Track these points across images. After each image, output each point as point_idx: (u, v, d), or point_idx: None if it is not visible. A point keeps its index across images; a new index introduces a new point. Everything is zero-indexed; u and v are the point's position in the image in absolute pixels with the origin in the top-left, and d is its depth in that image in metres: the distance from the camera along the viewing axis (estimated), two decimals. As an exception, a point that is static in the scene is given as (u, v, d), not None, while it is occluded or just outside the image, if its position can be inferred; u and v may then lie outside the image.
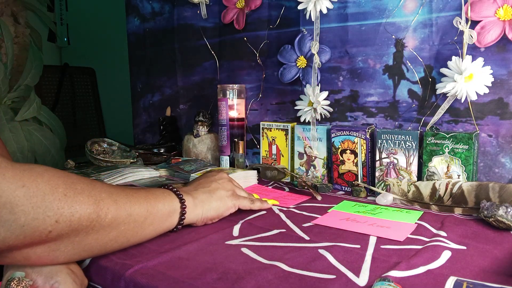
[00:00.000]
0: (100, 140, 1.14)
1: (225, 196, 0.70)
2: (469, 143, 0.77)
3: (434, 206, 0.76)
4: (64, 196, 0.46)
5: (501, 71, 0.80)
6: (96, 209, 0.49)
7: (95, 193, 0.50)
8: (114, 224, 0.51)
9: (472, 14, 0.79)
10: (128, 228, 0.54)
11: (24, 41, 1.38)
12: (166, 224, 0.60)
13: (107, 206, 0.50)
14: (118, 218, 0.52)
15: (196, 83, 1.28)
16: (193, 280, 0.48)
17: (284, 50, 1.03)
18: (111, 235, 0.52)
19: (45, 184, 0.45)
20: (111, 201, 0.51)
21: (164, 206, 0.59)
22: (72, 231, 0.47)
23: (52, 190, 0.45)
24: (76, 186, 0.48)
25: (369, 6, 0.92)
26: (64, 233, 0.46)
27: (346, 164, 0.91)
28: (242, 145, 1.06)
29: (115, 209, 0.51)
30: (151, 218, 0.57)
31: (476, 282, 0.45)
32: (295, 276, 0.49)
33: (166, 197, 0.61)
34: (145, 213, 0.56)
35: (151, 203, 0.57)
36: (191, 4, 1.22)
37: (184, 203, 0.62)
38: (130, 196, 0.55)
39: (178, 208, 0.62)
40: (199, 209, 0.65)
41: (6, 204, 0.42)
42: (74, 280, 0.51)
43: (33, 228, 0.44)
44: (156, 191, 0.61)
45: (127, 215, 0.53)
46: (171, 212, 0.60)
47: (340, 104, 0.99)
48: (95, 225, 0.49)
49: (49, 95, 2.30)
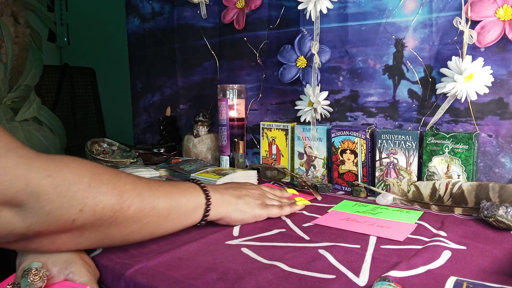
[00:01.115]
0: (100, 140, 1.14)
1: (254, 203, 0.69)
2: (469, 143, 0.77)
3: (434, 206, 0.76)
4: (89, 187, 0.47)
5: (501, 71, 0.80)
6: (119, 201, 0.50)
7: (120, 184, 0.51)
8: (137, 217, 0.52)
9: (472, 14, 0.79)
10: (151, 221, 0.54)
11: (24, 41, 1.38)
12: (190, 219, 0.60)
13: (131, 198, 0.51)
14: (141, 211, 0.52)
15: (196, 83, 1.28)
16: (193, 280, 0.48)
17: (284, 50, 1.03)
18: (133, 227, 0.52)
19: (70, 174, 0.46)
20: (135, 193, 0.52)
21: (189, 201, 0.59)
22: (95, 220, 0.48)
23: (77, 180, 0.47)
24: (102, 177, 0.49)
25: (369, 6, 0.92)
26: (88, 222, 0.48)
27: (346, 164, 0.91)
28: (242, 145, 1.06)
29: (139, 202, 0.52)
30: (175, 212, 0.57)
31: (476, 282, 0.45)
32: (295, 276, 0.49)
33: (192, 192, 0.60)
34: (169, 207, 0.56)
35: (176, 198, 0.57)
36: (191, 4, 1.22)
37: (210, 199, 0.62)
38: (155, 189, 0.55)
39: (203, 203, 0.61)
40: (224, 207, 0.65)
41: (33, 193, 0.43)
42: (88, 270, 0.52)
43: (58, 216, 0.45)
44: (182, 185, 0.61)
45: (150, 208, 0.53)
46: (195, 208, 0.60)
47: (340, 104, 0.99)
48: (118, 216, 0.50)
49: (49, 95, 2.31)
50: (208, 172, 0.98)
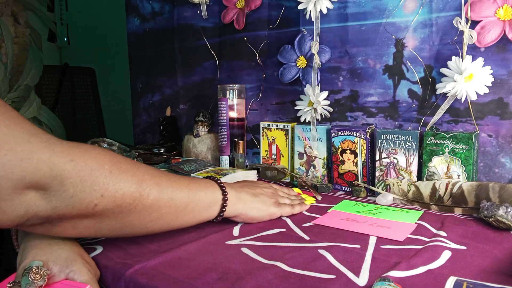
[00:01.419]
0: (100, 140, 1.14)
1: (269, 202, 0.71)
2: (469, 143, 0.77)
3: (434, 206, 0.76)
4: (110, 173, 0.49)
5: (501, 71, 0.80)
6: (139, 189, 0.51)
7: (139, 173, 0.52)
8: (156, 206, 0.53)
9: (472, 14, 0.79)
10: (169, 212, 0.55)
11: (24, 41, 1.38)
12: (207, 213, 0.61)
13: (150, 188, 0.52)
14: (160, 201, 0.53)
15: (196, 83, 1.28)
16: (193, 280, 0.48)
17: (284, 50, 1.03)
18: (152, 216, 0.53)
19: (92, 160, 0.48)
20: (154, 183, 0.53)
21: (206, 196, 0.60)
22: (116, 207, 0.49)
23: (98, 166, 0.48)
24: (121, 165, 0.51)
25: (369, 6, 0.92)
26: (109, 208, 0.49)
27: (346, 164, 0.91)
28: (242, 145, 1.06)
29: (157, 191, 0.53)
30: (192, 205, 0.58)
31: (476, 282, 0.45)
32: (295, 276, 0.49)
33: (209, 187, 0.62)
34: (187, 200, 0.57)
35: (193, 191, 0.58)
36: (191, 4, 1.22)
37: (227, 195, 0.63)
38: (172, 181, 0.56)
39: (219, 199, 0.62)
40: (241, 205, 0.66)
41: (57, 176, 0.45)
42: (89, 269, 0.52)
43: (80, 200, 0.47)
44: (199, 180, 0.62)
45: (168, 199, 0.55)
46: (212, 203, 0.61)
47: (340, 104, 0.99)
48: (137, 204, 0.51)
49: (49, 95, 2.31)
50: (208, 172, 0.98)
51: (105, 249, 0.58)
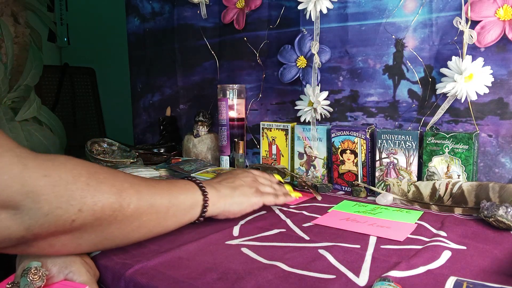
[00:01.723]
0: (100, 140, 1.14)
1: (249, 192, 0.69)
2: (469, 143, 0.77)
3: (434, 206, 0.76)
4: (87, 186, 0.46)
5: (501, 71, 0.80)
6: (118, 199, 0.49)
7: (118, 183, 0.50)
8: (137, 214, 0.52)
9: (472, 14, 0.79)
10: (150, 219, 0.54)
11: (24, 41, 1.38)
12: (188, 216, 0.60)
13: (130, 196, 0.51)
14: (140, 208, 0.52)
15: (196, 83, 1.28)
16: (193, 280, 0.48)
17: (284, 50, 1.03)
18: (133, 225, 0.52)
19: (67, 173, 0.46)
20: (134, 191, 0.52)
21: (186, 198, 0.59)
22: (95, 220, 0.47)
23: (74, 179, 0.46)
24: (99, 176, 0.49)
25: (369, 6, 0.92)
26: (88, 222, 0.47)
27: (346, 164, 0.91)
28: (242, 145, 1.06)
29: (137, 199, 0.51)
30: (174, 209, 0.57)
31: (476, 282, 0.45)
32: (295, 276, 0.49)
33: (189, 189, 0.61)
34: (168, 204, 0.56)
35: (174, 195, 0.57)
36: (191, 4, 1.22)
37: (207, 195, 0.62)
38: (152, 187, 0.55)
39: (200, 200, 0.61)
40: (222, 202, 0.65)
41: (29, 193, 0.42)
42: (88, 270, 0.52)
43: (56, 217, 0.44)
44: (178, 183, 0.61)
45: (149, 206, 0.53)
46: (193, 204, 0.60)
47: (340, 104, 0.99)
48: (117, 214, 0.49)
49: (49, 95, 2.31)
50: (208, 172, 0.98)
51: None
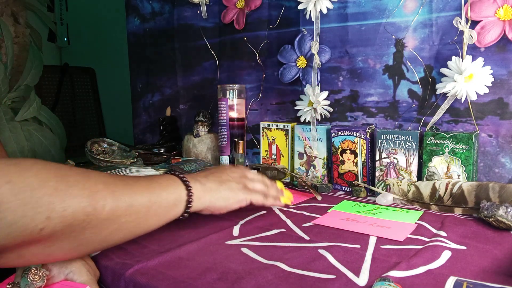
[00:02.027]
0: (100, 140, 1.14)
1: (236, 188, 0.66)
2: (469, 143, 0.77)
3: (434, 206, 0.76)
4: (55, 190, 0.43)
5: (501, 71, 0.80)
6: (91, 202, 0.45)
7: (90, 184, 0.46)
8: (113, 217, 0.48)
9: (472, 14, 0.79)
10: (129, 220, 0.50)
11: (24, 41, 1.38)
12: (172, 213, 0.57)
13: (104, 198, 0.47)
14: (117, 210, 0.48)
15: (196, 83, 1.28)
16: (193, 280, 0.48)
17: (284, 50, 1.03)
18: (111, 228, 0.49)
19: (33, 178, 0.42)
20: (108, 192, 0.48)
21: (169, 195, 0.56)
22: (66, 227, 0.44)
23: (41, 184, 0.42)
24: (69, 179, 0.45)
25: (369, 6, 0.92)
26: (58, 230, 0.43)
27: (346, 164, 0.91)
28: (242, 145, 1.06)
29: (113, 201, 0.48)
30: (155, 208, 0.54)
31: (476, 282, 0.45)
32: (295, 276, 0.49)
33: (171, 184, 0.57)
34: (148, 203, 0.53)
35: (155, 192, 0.54)
36: (191, 4, 1.22)
37: (191, 190, 0.59)
38: (130, 185, 0.52)
39: (184, 196, 0.58)
40: (207, 197, 0.62)
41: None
42: (88, 270, 0.52)
43: (22, 226, 0.41)
44: (160, 179, 0.58)
45: (127, 206, 0.50)
46: (177, 201, 0.57)
47: (340, 104, 0.99)
48: (91, 219, 0.45)
49: (49, 95, 2.30)
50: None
51: (105, 249, 0.58)
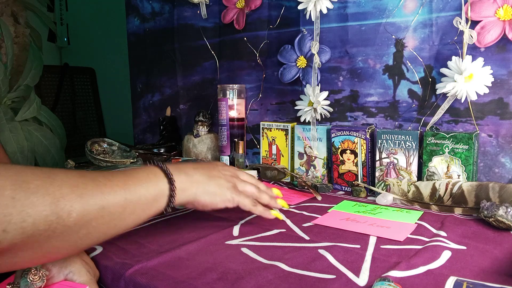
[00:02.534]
0: (100, 140, 1.14)
1: (225, 186, 0.62)
2: (469, 143, 0.77)
3: (434, 206, 0.76)
4: (12, 200, 0.39)
5: (501, 71, 0.80)
6: (55, 209, 0.41)
7: (54, 189, 0.42)
8: (82, 222, 0.44)
9: (472, 14, 0.79)
10: (102, 223, 0.46)
11: (24, 41, 1.38)
12: (153, 209, 0.53)
13: (70, 203, 0.42)
14: (87, 215, 0.44)
15: (196, 83, 1.28)
16: (193, 280, 0.48)
17: (284, 50, 1.03)
18: (80, 233, 0.44)
19: None
20: (75, 196, 0.43)
21: (148, 191, 0.51)
22: (27, 238, 0.40)
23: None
24: (29, 185, 0.40)
25: (369, 6, 0.92)
26: (18, 242, 0.39)
27: (346, 164, 0.91)
28: (242, 145, 1.06)
29: (81, 205, 0.43)
30: (132, 206, 0.49)
31: (476, 282, 0.45)
32: (295, 276, 0.49)
33: (151, 178, 0.52)
34: (123, 203, 0.48)
35: (131, 189, 0.49)
36: (191, 4, 1.22)
37: (174, 183, 0.54)
38: (102, 185, 0.47)
39: (166, 189, 0.53)
40: (193, 189, 0.57)
41: None
42: (88, 270, 0.52)
43: None
44: (138, 173, 0.52)
45: (98, 209, 0.45)
46: (158, 196, 0.52)
47: (340, 104, 0.99)
48: (56, 227, 0.41)
49: (49, 95, 2.31)
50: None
51: (104, 249, 0.58)
